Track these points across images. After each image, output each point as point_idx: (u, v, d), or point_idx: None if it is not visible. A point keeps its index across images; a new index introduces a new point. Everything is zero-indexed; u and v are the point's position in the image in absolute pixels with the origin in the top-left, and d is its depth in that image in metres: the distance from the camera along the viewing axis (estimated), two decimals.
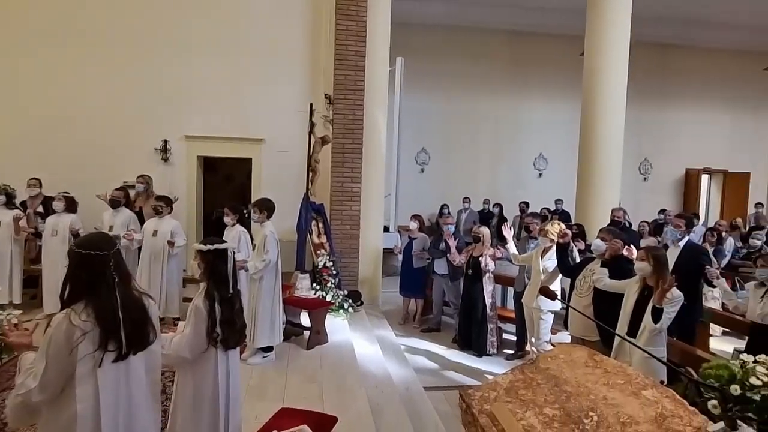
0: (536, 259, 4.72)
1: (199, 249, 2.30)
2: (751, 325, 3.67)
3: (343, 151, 6.69)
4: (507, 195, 11.21)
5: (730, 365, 1.44)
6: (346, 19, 6.64)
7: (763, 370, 1.39)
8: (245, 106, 7.02)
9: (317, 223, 6.28)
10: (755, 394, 1.31)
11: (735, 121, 12.32)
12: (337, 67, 6.64)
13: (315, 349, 4.53)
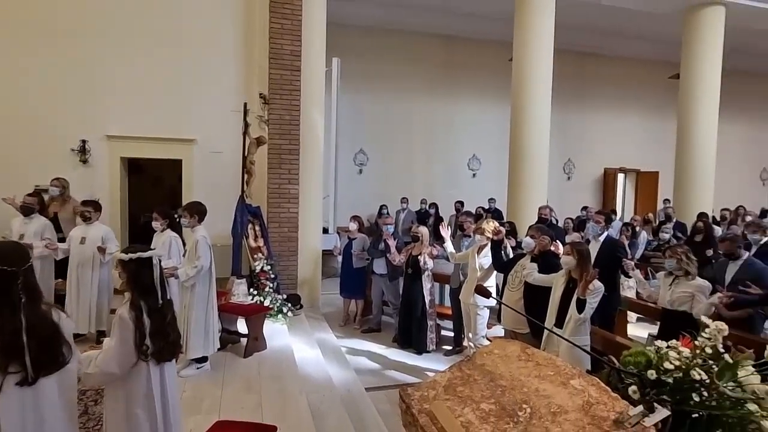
0: (472, 256, 4.87)
1: (120, 258, 2.16)
2: (662, 311, 4.01)
3: (280, 152, 6.54)
4: (443, 195, 11.52)
5: (647, 352, 1.56)
6: (281, 17, 6.50)
7: (675, 354, 1.51)
8: (175, 104, 6.66)
9: (254, 226, 6.10)
10: (669, 378, 1.43)
11: (645, 124, 13.46)
12: (272, 66, 6.49)
13: (253, 357, 4.40)
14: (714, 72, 8.88)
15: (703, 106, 8.91)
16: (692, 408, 1.37)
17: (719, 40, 8.84)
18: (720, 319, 3.58)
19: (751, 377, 1.46)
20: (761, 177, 15.16)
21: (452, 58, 12.10)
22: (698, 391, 1.40)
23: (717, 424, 1.38)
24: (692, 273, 3.77)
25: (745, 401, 1.39)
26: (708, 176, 9.05)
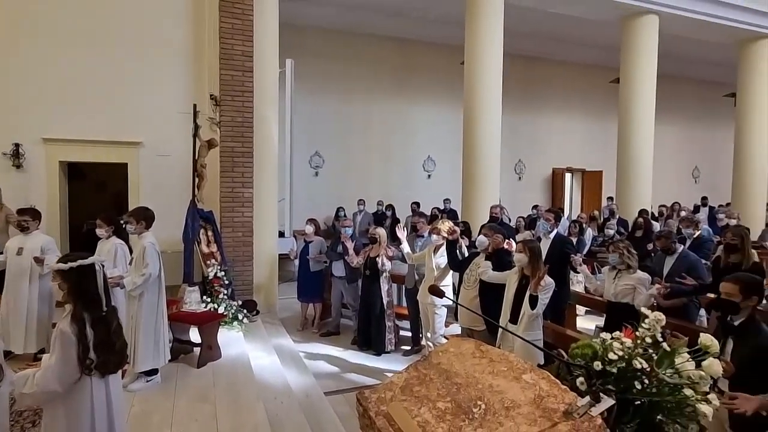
0: (429, 256, 4.94)
1: (59, 269, 2.02)
2: (608, 303, 4.22)
3: (233, 155, 6.38)
4: (399, 196, 11.62)
5: (593, 344, 1.63)
6: (231, 17, 6.34)
7: (618, 345, 1.59)
8: (118, 106, 6.32)
9: (206, 231, 5.91)
10: (613, 368, 1.50)
11: (589, 126, 14.14)
12: (222, 67, 6.32)
13: (207, 367, 4.26)
14: (650, 77, 9.44)
15: (640, 109, 9.45)
16: (635, 396, 1.45)
17: (654, 46, 9.40)
18: (659, 309, 3.81)
19: (686, 364, 1.55)
20: (693, 175, 16.27)
21: (407, 60, 12.25)
22: (640, 379, 1.47)
23: (657, 409, 1.46)
24: (633, 266, 3.99)
25: (682, 386, 1.48)
26: (646, 175, 9.59)
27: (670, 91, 12.99)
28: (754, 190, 10.95)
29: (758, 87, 10.77)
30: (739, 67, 11.03)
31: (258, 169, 6.52)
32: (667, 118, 13.27)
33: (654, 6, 9.12)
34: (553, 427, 1.18)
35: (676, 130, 14.96)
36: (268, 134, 6.68)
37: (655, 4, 9.09)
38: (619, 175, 9.89)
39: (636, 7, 9.07)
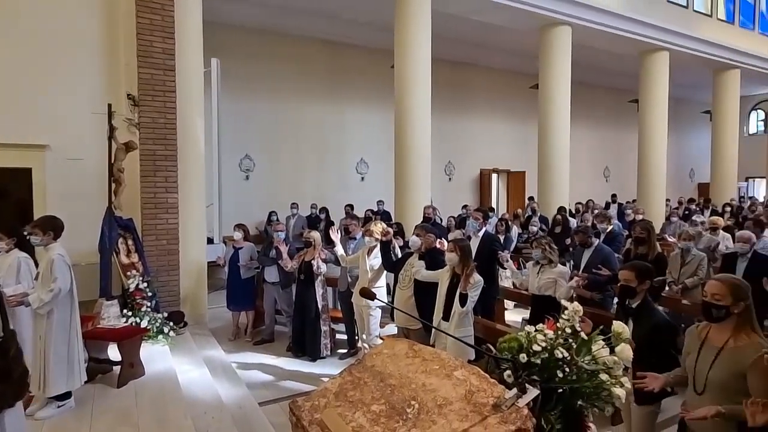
0: (363, 258, 4.95)
1: None
2: (532, 296, 4.46)
3: (154, 159, 6.00)
4: (333, 198, 11.55)
5: (518, 337, 1.71)
6: (150, 12, 5.97)
7: (542, 337, 1.68)
8: (22, 105, 5.70)
9: (125, 240, 5.52)
10: (537, 359, 1.58)
11: (513, 129, 14.89)
12: (141, 65, 5.92)
13: (129, 385, 3.97)
14: (565, 83, 10.11)
15: (557, 113, 10.10)
16: (558, 384, 1.53)
17: (568, 55, 10.09)
18: (580, 300, 4.07)
19: (602, 351, 1.67)
20: (604, 174, 17.67)
21: (339, 63, 12.22)
22: (562, 368, 1.56)
23: (577, 395, 1.55)
24: (554, 261, 4.25)
25: (599, 372, 1.59)
26: (564, 175, 10.27)
27: (584, 97, 14.03)
28: (656, 187, 12.10)
29: (657, 94, 11.90)
30: (641, 76, 12.13)
31: (183, 173, 6.19)
32: (581, 123, 14.30)
33: (567, 18, 9.78)
34: (483, 420, 1.22)
35: (589, 133, 16.15)
36: (193, 136, 6.37)
37: (568, 16, 9.76)
38: (540, 175, 10.50)
39: (551, 18, 9.68)
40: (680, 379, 2.44)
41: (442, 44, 11.08)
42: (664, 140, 12.08)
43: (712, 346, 2.25)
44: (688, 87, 15.30)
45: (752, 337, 2.19)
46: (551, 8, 9.45)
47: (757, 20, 14.21)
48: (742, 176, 15.59)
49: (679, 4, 12.04)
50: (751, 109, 19.15)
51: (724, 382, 2.16)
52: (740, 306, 2.21)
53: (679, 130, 17.97)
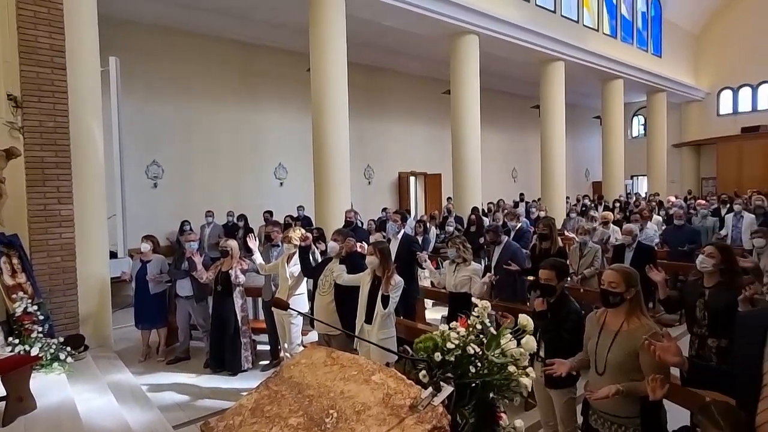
0: (282, 266, 4.84)
1: None
2: (449, 294, 4.64)
3: (43, 167, 5.39)
4: (251, 205, 11.18)
5: (433, 336, 1.76)
6: (33, 3, 5.36)
7: (455, 335, 1.74)
8: None
9: (9, 259, 4.89)
10: (451, 357, 1.64)
11: (428, 133, 15.41)
12: (24, 62, 5.29)
13: (17, 422, 3.52)
14: (474, 90, 10.65)
15: (469, 118, 10.62)
16: (471, 379, 1.60)
17: (476, 63, 10.64)
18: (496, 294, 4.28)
19: (510, 344, 1.77)
20: (512, 175, 18.88)
21: (254, 65, 11.86)
22: (474, 364, 1.64)
23: (489, 388, 1.64)
24: (468, 259, 4.45)
25: (507, 364, 1.69)
26: (476, 176, 10.81)
27: (492, 102, 14.88)
28: (557, 186, 13.15)
29: (555, 101, 12.96)
30: (541, 84, 13.13)
31: (79, 182, 5.63)
32: (491, 127, 15.16)
33: (474, 27, 10.32)
34: (400, 423, 1.25)
35: (498, 136, 17.16)
36: (89, 142, 5.82)
37: (475, 25, 10.30)
38: (455, 177, 10.96)
39: (459, 27, 10.16)
40: (584, 363, 2.68)
41: (358, 49, 11.18)
42: (562, 143, 13.16)
43: (609, 330, 2.49)
44: (581, 94, 16.81)
45: (642, 319, 2.46)
46: (459, 18, 9.91)
47: (635, 36, 15.99)
48: (628, 174, 17.45)
49: (571, 19, 13.21)
50: (633, 114, 21.48)
51: (621, 363, 2.40)
52: (632, 292, 2.47)
53: (575, 134, 19.70)
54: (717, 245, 3.27)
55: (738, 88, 19.17)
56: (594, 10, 14.13)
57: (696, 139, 19.79)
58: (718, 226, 8.41)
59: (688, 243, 6.99)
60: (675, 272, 6.57)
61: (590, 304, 4.71)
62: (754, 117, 18.52)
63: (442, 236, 8.51)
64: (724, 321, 2.95)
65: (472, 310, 1.81)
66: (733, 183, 17.39)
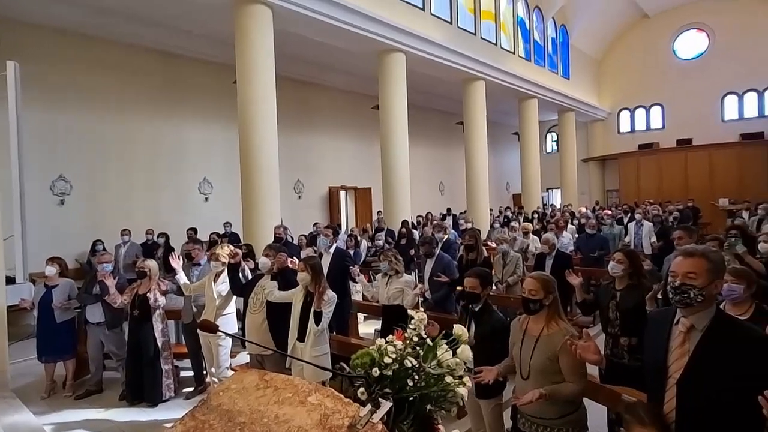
0: (209, 285, 4.60)
1: None
2: (382, 307, 4.66)
3: None
4: (173, 222, 10.55)
5: (370, 351, 1.74)
6: None
7: (392, 348, 1.73)
8: None
9: None
10: (389, 371, 1.62)
11: (358, 147, 15.52)
12: None
13: None
14: (402, 106, 10.90)
15: (397, 133, 10.84)
16: (409, 392, 1.60)
17: (403, 79, 10.92)
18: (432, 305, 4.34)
19: (446, 354, 1.79)
20: (439, 188, 19.50)
21: (176, 76, 11.29)
22: (411, 377, 1.64)
23: (427, 401, 1.64)
24: (401, 271, 4.50)
25: (444, 375, 1.70)
26: (405, 190, 11.02)
27: (419, 118, 15.33)
28: (481, 199, 13.74)
29: (477, 117, 13.61)
30: (464, 101, 13.75)
31: None
32: (419, 142, 15.59)
33: (400, 45, 10.60)
34: None
35: (425, 151, 17.67)
36: None
37: (401, 43, 10.59)
38: (384, 190, 11.10)
39: (386, 45, 10.39)
40: (510, 368, 2.78)
41: (288, 62, 11.08)
42: (485, 158, 13.83)
43: (531, 336, 2.62)
44: (501, 112, 17.82)
45: (560, 324, 2.60)
46: (386, 36, 10.14)
47: (546, 59, 17.30)
48: (544, 187, 18.66)
49: (490, 41, 14.02)
50: (547, 131, 23.12)
51: (543, 367, 2.52)
52: (550, 298, 2.61)
53: (497, 149, 20.80)
54: (625, 251, 3.57)
55: (634, 109, 21.30)
56: (510, 34, 15.11)
57: (601, 155, 21.66)
58: (623, 234, 9.25)
59: (598, 250, 7.60)
60: (588, 277, 7.09)
61: (515, 310, 4.93)
62: (649, 135, 20.65)
63: (374, 250, 8.55)
64: (634, 320, 3.21)
65: (408, 322, 1.81)
66: (633, 194, 19.22)
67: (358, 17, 9.43)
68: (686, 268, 1.80)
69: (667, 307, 2.00)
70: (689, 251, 1.87)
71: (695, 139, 19.03)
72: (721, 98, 19.10)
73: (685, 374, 1.80)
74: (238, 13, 7.97)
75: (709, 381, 1.74)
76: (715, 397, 1.72)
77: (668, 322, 1.92)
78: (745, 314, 2.77)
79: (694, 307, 1.79)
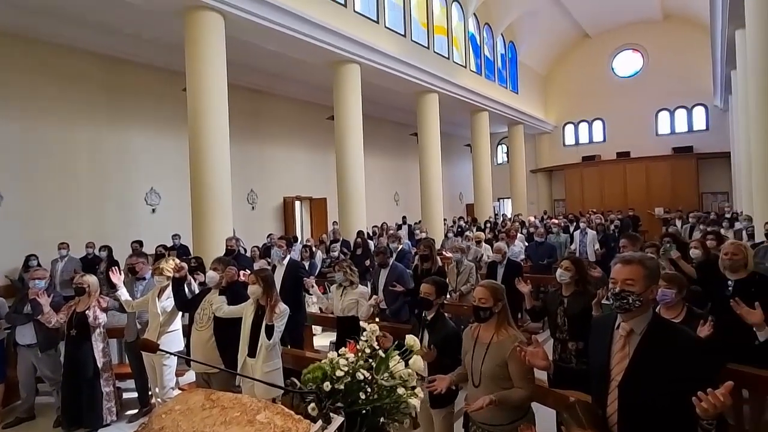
0: (153, 301, 4.38)
1: None
2: (337, 318, 4.60)
3: None
4: (117, 235, 10.03)
5: (322, 365, 1.71)
6: None
7: (344, 361, 1.71)
8: None
9: None
10: (341, 385, 1.60)
11: (313, 157, 15.42)
12: None
13: None
14: (357, 116, 10.93)
15: (352, 143, 10.85)
16: (361, 406, 1.58)
17: (358, 90, 10.98)
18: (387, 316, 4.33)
19: (398, 365, 1.79)
20: (395, 199, 19.65)
21: (122, 82, 10.80)
22: (364, 389, 1.62)
23: (379, 413, 1.63)
24: (355, 282, 4.48)
25: (396, 387, 1.70)
26: (361, 200, 11.02)
27: (375, 129, 15.45)
28: (435, 209, 13.97)
29: (431, 129, 13.88)
30: (418, 113, 13.99)
31: None
32: (374, 152, 15.68)
33: (355, 56, 10.66)
34: None
35: (380, 162, 17.79)
36: None
37: (355, 55, 10.66)
38: (340, 201, 11.06)
39: (341, 56, 10.42)
40: (462, 377, 2.81)
41: (241, 71, 10.88)
42: (438, 168, 14.09)
43: (482, 343, 2.66)
44: (454, 124, 18.25)
45: (509, 330, 2.67)
46: (340, 47, 10.17)
47: (496, 74, 17.93)
48: (495, 197, 19.21)
49: (443, 55, 14.37)
50: (497, 143, 23.89)
51: (494, 373, 2.57)
52: (499, 306, 2.67)
53: (450, 160, 21.25)
54: (571, 259, 3.72)
55: (578, 123, 22.43)
56: (462, 49, 15.56)
57: (548, 166, 22.60)
58: (568, 242, 9.65)
59: (547, 257, 7.89)
60: (538, 284, 7.32)
61: (469, 319, 5.00)
62: (592, 148, 21.76)
63: (329, 261, 8.47)
64: (581, 325, 3.33)
65: (360, 334, 1.80)
66: (578, 204, 20.15)
67: (313, 27, 9.41)
68: (625, 275, 1.89)
69: (609, 313, 2.09)
70: (627, 259, 1.97)
71: (633, 152, 20.23)
72: (655, 114, 20.45)
73: (625, 377, 1.88)
74: (188, 19, 7.75)
75: (647, 383, 1.82)
76: (653, 399, 1.80)
77: (610, 327, 2.00)
78: (678, 317, 2.94)
79: (633, 312, 1.88)
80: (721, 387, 1.58)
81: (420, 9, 13.53)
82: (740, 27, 8.10)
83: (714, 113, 18.98)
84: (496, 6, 16.86)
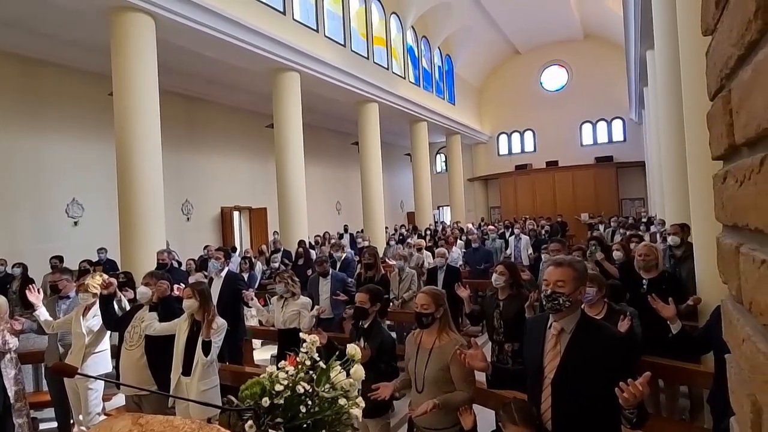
0: (77, 320, 4.06)
1: None
2: (279, 331, 4.50)
3: None
4: (33, 251, 9.22)
5: (261, 380, 1.65)
6: None
7: (283, 375, 1.67)
8: None
9: None
10: (280, 399, 1.55)
11: (252, 166, 15.05)
12: None
13: None
14: (297, 125, 10.80)
15: (292, 152, 10.70)
16: (301, 420, 1.54)
17: (298, 99, 10.85)
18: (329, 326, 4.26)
19: (339, 376, 1.77)
20: (336, 208, 19.58)
21: (37, 84, 9.99)
22: (305, 403, 1.58)
23: (321, 426, 1.60)
24: (297, 293, 4.40)
25: (338, 398, 1.68)
26: (302, 209, 10.87)
27: (316, 138, 15.33)
28: (377, 217, 14.04)
29: (372, 138, 14.00)
30: (358, 122, 14.07)
31: None
32: (315, 161, 15.55)
33: (295, 65, 10.55)
34: None
35: (321, 171, 17.67)
36: None
37: (296, 63, 10.55)
38: (281, 210, 10.84)
39: (280, 63, 10.28)
40: (406, 383, 2.83)
41: (177, 77, 10.44)
42: (379, 177, 14.22)
43: (424, 349, 2.70)
44: (394, 134, 18.53)
45: (451, 335, 2.73)
46: (279, 54, 10.04)
47: (434, 85, 18.45)
48: (435, 205, 19.68)
49: (382, 66, 14.58)
50: (436, 153, 24.53)
51: (436, 378, 2.61)
52: (441, 311, 2.73)
53: (391, 169, 21.52)
54: (505, 264, 3.88)
55: (510, 134, 23.54)
56: (401, 60, 15.88)
57: (484, 175, 23.50)
58: (504, 247, 10.06)
59: (483, 262, 8.16)
60: (476, 288, 7.54)
61: (411, 325, 5.07)
62: (524, 157, 22.91)
63: (269, 272, 8.26)
64: (516, 327, 3.47)
65: (300, 345, 1.76)
66: (513, 211, 21.10)
67: (251, 34, 9.22)
68: (556, 277, 2.00)
69: (542, 314, 2.20)
70: (558, 262, 2.08)
71: (561, 161, 21.51)
72: (579, 125, 21.91)
73: (557, 374, 1.98)
74: (114, 20, 7.33)
75: (578, 378, 1.93)
76: (584, 394, 1.92)
77: (542, 327, 2.11)
78: (600, 314, 3.15)
79: (563, 312, 1.99)
80: (640, 377, 1.70)
81: (359, 20, 13.67)
82: (650, 48, 8.88)
83: (630, 125, 20.63)
84: (433, 20, 17.38)
